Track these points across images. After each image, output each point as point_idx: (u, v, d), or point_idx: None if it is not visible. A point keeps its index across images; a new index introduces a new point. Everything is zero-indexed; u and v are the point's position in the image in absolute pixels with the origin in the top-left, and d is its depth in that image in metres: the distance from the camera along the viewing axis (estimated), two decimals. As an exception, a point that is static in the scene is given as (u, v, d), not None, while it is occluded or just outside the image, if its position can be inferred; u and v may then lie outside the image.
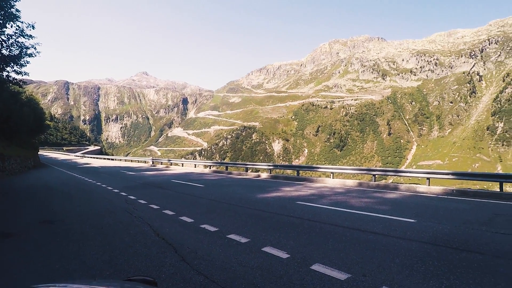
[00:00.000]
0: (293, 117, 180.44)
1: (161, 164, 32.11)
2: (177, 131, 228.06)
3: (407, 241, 4.73)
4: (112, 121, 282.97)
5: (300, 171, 16.90)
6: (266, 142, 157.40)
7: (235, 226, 5.73)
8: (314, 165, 17.40)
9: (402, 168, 78.43)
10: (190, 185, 12.96)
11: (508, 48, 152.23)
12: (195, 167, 26.39)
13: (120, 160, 46.45)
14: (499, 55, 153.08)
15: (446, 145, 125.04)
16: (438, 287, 3.16)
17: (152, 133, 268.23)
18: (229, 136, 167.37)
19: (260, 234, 5.16)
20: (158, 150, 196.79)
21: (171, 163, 30.88)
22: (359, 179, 14.83)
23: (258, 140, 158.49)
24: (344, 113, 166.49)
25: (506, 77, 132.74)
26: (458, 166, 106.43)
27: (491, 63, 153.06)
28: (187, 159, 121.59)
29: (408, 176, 13.24)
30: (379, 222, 5.93)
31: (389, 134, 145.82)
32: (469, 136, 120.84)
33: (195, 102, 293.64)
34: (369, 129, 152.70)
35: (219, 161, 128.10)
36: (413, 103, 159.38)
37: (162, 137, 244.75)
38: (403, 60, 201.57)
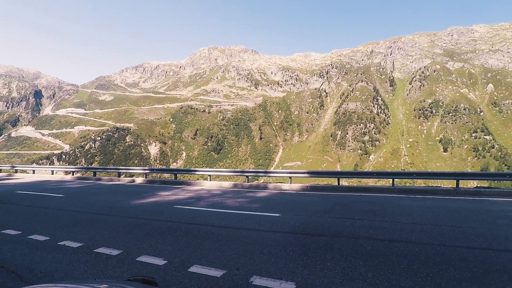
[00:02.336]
0: (171, 119, 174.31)
1: (-2, 171, 24.96)
2: (26, 131, 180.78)
3: (273, 233, 5.44)
4: None
5: (178, 175, 16.59)
6: (142, 145, 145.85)
7: (105, 238, 5.15)
8: (192, 168, 17.44)
9: (271, 170, 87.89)
10: (44, 196, 10.66)
11: (343, 73, 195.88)
12: (53, 174, 21.81)
13: None
14: (338, 77, 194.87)
15: (304, 148, 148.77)
16: (295, 267, 3.82)
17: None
18: (99, 138, 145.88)
19: (134, 244, 4.83)
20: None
21: (16, 170, 24.47)
22: (235, 181, 15.82)
23: (132, 142, 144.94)
24: (221, 117, 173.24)
25: (342, 95, 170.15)
26: (312, 166, 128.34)
27: (333, 83, 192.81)
28: (41, 164, 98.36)
29: (275, 176, 15.10)
30: (251, 219, 6.56)
31: (261, 138, 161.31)
32: (319, 141, 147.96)
33: (53, 96, 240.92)
34: (243, 133, 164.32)
35: (85, 166, 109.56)
36: (280, 111, 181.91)
37: (1, 137, 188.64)
38: (271, 73, 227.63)
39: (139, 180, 16.48)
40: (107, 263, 4.00)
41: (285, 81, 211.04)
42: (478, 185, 11.07)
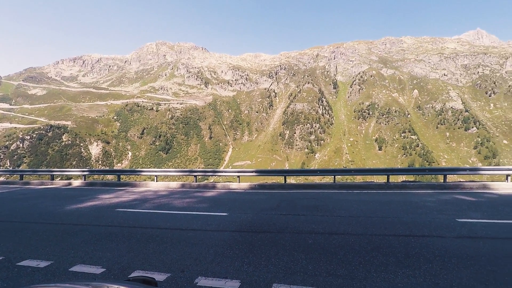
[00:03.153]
0: (116, 117, 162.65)
1: None
2: None
3: (220, 233, 5.45)
4: None
5: (122, 176, 15.59)
6: (82, 144, 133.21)
7: (31, 249, 4.63)
8: (137, 169, 16.52)
9: (220, 169, 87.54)
10: (-51, 206, 9.10)
11: (291, 74, 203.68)
12: (-40, 179, 18.68)
13: None
14: (286, 78, 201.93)
15: (254, 147, 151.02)
16: (241, 265, 3.89)
17: None
18: (28, 137, 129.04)
19: (67, 253, 4.43)
20: None
21: None
22: (184, 181, 15.41)
23: (70, 142, 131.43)
24: (170, 116, 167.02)
25: (290, 96, 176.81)
26: (262, 165, 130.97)
27: (282, 84, 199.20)
28: None
29: (224, 176, 15.07)
30: (199, 219, 6.48)
31: (210, 137, 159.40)
32: (268, 140, 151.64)
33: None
34: (193, 132, 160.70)
35: (10, 168, 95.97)
36: (230, 110, 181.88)
37: None
38: (222, 72, 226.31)
39: (77, 183, 15.09)
40: (33, 277, 3.61)
41: (236, 80, 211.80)
42: (405, 180, 12.48)
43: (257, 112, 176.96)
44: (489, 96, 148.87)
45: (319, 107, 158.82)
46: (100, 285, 1.23)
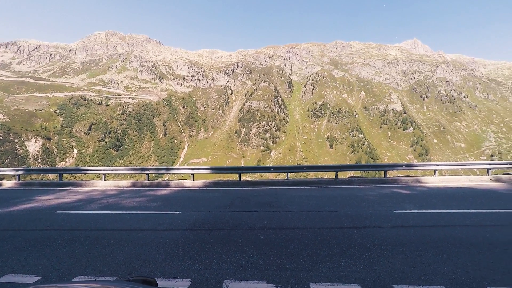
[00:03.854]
0: (58, 111, 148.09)
1: None
2: None
3: (172, 232, 5.33)
4: None
5: (66, 175, 14.33)
6: (17, 140, 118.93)
7: (-52, 261, 4.06)
8: (82, 167, 15.28)
9: (174, 166, 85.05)
10: None
11: (248, 72, 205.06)
12: None
13: None
14: (243, 76, 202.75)
15: (209, 145, 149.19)
16: (192, 263, 3.86)
17: None
18: None
19: (-5, 262, 3.98)
20: None
21: None
22: (137, 179, 14.70)
23: (2, 138, 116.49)
24: (121, 111, 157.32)
25: (247, 93, 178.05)
26: (217, 162, 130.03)
27: (238, 82, 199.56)
28: None
29: (179, 173, 14.71)
30: (150, 219, 6.25)
31: (165, 134, 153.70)
32: (224, 138, 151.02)
33: None
34: (146, 129, 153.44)
35: None
36: (185, 107, 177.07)
37: None
38: (177, 67, 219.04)
39: (9, 183, 13.51)
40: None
41: (192, 76, 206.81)
42: (351, 176, 13.40)
43: (213, 109, 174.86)
44: (423, 99, 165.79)
45: (274, 105, 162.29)
46: (100, 285, 1.23)
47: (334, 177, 12.43)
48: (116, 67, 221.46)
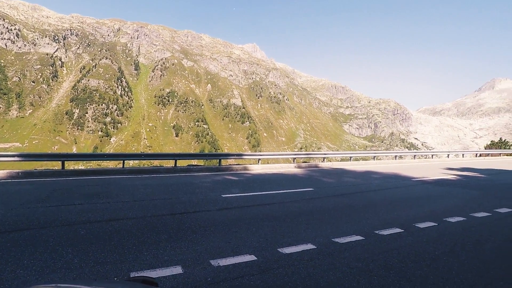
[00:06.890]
0: None
1: None
2: None
3: None
4: None
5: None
6: None
7: None
8: None
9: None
10: None
11: (85, 44, 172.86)
12: None
13: None
14: (78, 47, 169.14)
15: (27, 126, 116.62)
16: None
17: None
18: None
19: None
20: None
21: None
22: None
23: None
24: None
25: (83, 69, 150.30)
26: (39, 148, 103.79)
27: (72, 53, 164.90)
28: None
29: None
30: None
31: None
32: (50, 119, 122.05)
33: None
34: None
35: None
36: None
37: None
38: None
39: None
40: None
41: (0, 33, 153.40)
42: (190, 164, 14.01)
43: (33, 82, 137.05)
44: (258, 98, 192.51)
45: (117, 87, 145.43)
46: (100, 285, 1.24)
47: (173, 165, 12.60)
48: None
